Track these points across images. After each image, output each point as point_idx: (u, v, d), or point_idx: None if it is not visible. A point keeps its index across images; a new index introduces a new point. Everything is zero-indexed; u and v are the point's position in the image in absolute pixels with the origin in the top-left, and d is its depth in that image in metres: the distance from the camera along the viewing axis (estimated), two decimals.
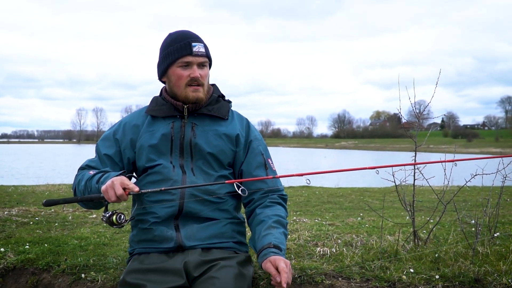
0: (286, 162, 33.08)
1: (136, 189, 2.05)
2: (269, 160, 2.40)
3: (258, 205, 2.31)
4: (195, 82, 2.25)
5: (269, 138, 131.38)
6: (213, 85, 2.44)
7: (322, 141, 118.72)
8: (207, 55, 2.29)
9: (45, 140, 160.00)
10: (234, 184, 2.10)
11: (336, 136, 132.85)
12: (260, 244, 2.13)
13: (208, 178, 2.27)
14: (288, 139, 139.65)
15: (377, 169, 2.19)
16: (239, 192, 2.09)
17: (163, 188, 2.12)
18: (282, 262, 1.97)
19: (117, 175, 2.11)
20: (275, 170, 2.41)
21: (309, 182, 2.06)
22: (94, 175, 2.22)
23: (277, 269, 1.97)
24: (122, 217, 2.10)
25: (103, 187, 2.06)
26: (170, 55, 2.27)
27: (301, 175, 2.11)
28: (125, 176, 2.15)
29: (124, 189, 2.02)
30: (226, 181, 2.15)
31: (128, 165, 2.36)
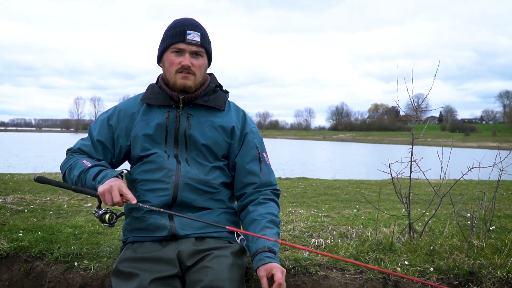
0: (284, 156, 32.97)
1: (134, 201, 2.07)
2: (263, 153, 2.38)
3: (251, 201, 2.28)
4: (185, 70, 2.22)
5: (267, 129, 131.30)
6: (211, 74, 2.41)
7: (320, 133, 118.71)
8: (202, 44, 2.25)
9: (43, 128, 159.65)
10: (235, 233, 2.19)
11: (334, 128, 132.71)
12: (255, 246, 2.11)
13: (202, 168, 2.25)
14: (286, 130, 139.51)
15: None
16: (238, 241, 2.17)
17: (161, 210, 2.09)
18: (279, 272, 1.98)
19: (115, 176, 2.12)
20: (269, 164, 2.39)
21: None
22: (90, 168, 2.20)
23: (272, 277, 1.97)
24: (114, 217, 2.13)
25: (100, 189, 2.07)
26: (165, 40, 2.25)
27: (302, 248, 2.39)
28: (121, 177, 2.17)
29: (121, 195, 2.05)
30: (227, 227, 2.13)
31: (120, 154, 2.34)
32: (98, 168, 2.19)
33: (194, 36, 2.22)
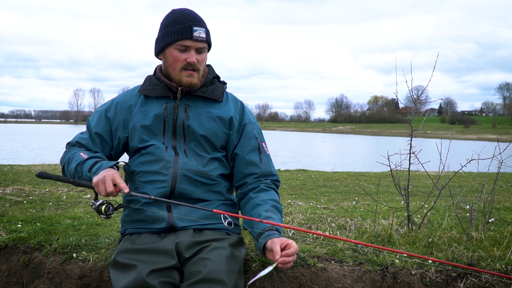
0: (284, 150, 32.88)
1: (126, 190, 2.07)
2: (263, 143, 2.38)
3: (251, 189, 2.28)
4: (190, 67, 2.20)
5: (266, 121, 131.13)
6: (209, 65, 2.40)
7: (319, 125, 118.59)
8: (207, 40, 2.23)
9: (42, 120, 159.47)
10: (221, 216, 2.13)
11: (333, 120, 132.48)
12: (262, 225, 2.10)
13: (200, 160, 2.25)
14: (286, 123, 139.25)
15: None
16: (225, 224, 2.12)
17: (152, 197, 2.10)
18: (294, 243, 1.99)
19: (109, 166, 2.13)
20: (268, 154, 2.39)
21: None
22: (86, 160, 2.21)
23: (285, 247, 1.97)
24: (110, 208, 2.14)
25: (94, 180, 2.08)
26: (169, 35, 2.21)
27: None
28: (117, 167, 2.17)
29: (114, 185, 2.05)
30: (214, 210, 2.10)
31: (118, 146, 2.34)
32: (94, 160, 2.19)
33: (200, 33, 2.20)
